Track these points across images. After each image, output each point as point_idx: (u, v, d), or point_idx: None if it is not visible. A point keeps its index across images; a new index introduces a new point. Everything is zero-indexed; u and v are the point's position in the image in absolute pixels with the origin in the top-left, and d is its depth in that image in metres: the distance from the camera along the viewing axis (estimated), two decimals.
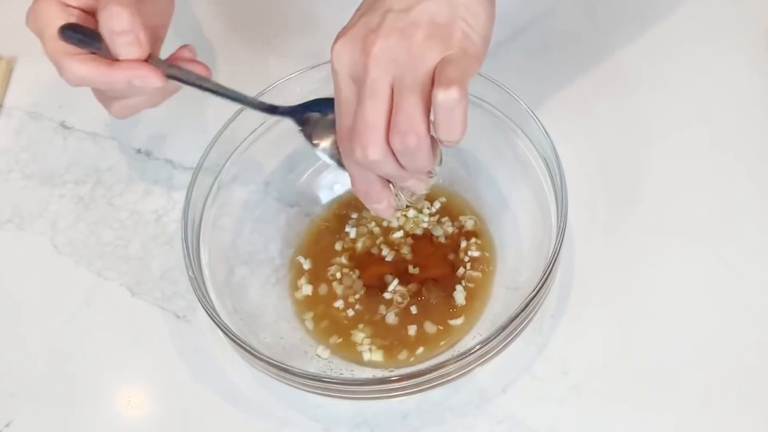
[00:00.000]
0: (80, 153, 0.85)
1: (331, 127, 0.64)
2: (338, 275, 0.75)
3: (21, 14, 0.94)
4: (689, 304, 0.73)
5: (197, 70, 0.68)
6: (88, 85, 0.68)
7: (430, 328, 0.72)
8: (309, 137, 0.66)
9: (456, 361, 0.64)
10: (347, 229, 0.78)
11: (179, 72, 0.67)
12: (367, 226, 0.78)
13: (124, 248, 0.80)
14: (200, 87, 0.68)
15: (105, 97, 0.70)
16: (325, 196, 0.79)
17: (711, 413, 0.69)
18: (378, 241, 0.77)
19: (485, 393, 0.70)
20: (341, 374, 0.70)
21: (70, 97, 0.88)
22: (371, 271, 0.75)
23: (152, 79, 0.66)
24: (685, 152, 0.80)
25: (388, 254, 0.76)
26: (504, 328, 0.65)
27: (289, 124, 0.78)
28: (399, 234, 0.77)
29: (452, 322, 0.72)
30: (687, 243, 0.75)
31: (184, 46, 0.69)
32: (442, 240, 0.76)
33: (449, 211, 0.78)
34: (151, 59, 0.66)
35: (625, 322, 0.73)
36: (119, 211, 0.82)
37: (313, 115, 0.66)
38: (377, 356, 0.72)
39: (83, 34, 0.67)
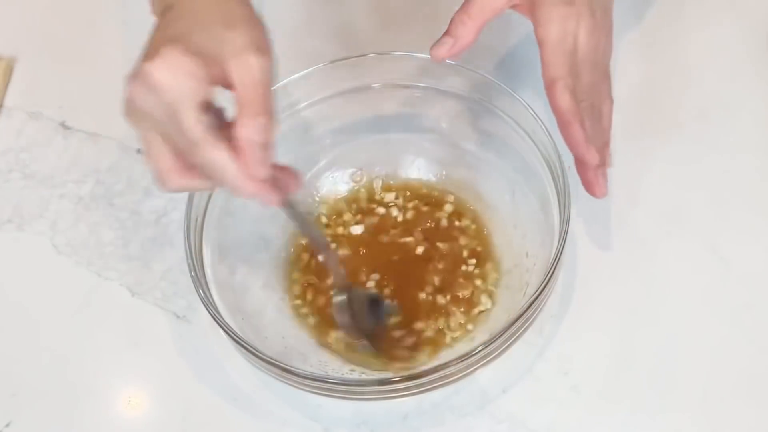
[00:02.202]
0: (80, 153, 0.85)
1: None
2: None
3: (21, 14, 0.94)
4: (689, 305, 0.73)
5: (293, 183, 0.65)
6: (214, 186, 0.62)
7: (429, 331, 0.72)
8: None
9: (458, 363, 0.64)
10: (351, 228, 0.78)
11: (290, 203, 0.65)
12: (367, 223, 0.78)
13: (124, 248, 0.80)
14: (294, 219, 0.67)
15: (177, 166, 0.61)
16: (326, 197, 0.79)
17: (711, 413, 0.69)
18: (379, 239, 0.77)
19: (486, 393, 0.70)
20: (342, 374, 0.70)
21: (70, 97, 0.88)
22: (373, 271, 0.76)
23: (273, 203, 0.62)
24: (685, 152, 0.80)
25: (390, 254, 0.76)
26: (506, 329, 0.65)
27: (290, 127, 0.78)
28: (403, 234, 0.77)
29: (454, 324, 0.73)
30: (687, 243, 0.76)
31: (292, 172, 0.65)
32: (443, 242, 0.76)
33: (450, 213, 0.78)
34: None
35: (625, 322, 0.73)
36: (119, 211, 0.82)
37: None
38: (376, 356, 0.72)
39: (208, 116, 0.59)
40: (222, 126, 0.59)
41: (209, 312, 0.68)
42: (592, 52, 0.70)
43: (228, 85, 0.60)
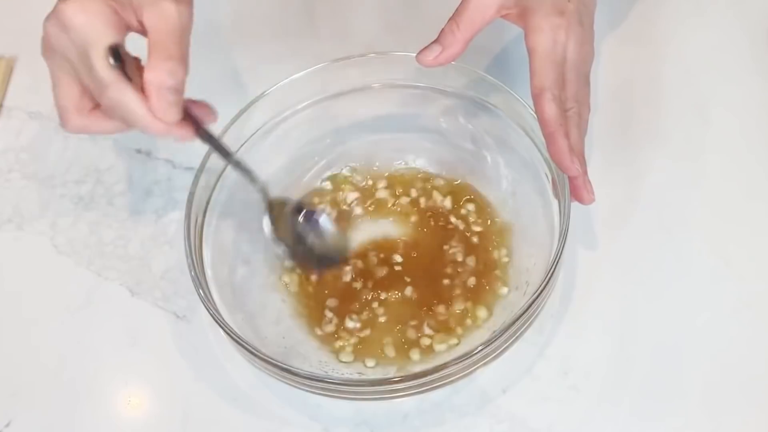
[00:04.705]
0: (80, 153, 0.85)
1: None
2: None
3: (21, 14, 0.94)
4: (689, 304, 0.73)
5: (208, 116, 0.67)
6: (116, 129, 0.65)
7: (430, 331, 0.72)
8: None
9: (458, 363, 0.64)
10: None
11: (204, 133, 0.66)
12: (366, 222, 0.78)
13: (124, 248, 0.80)
14: (216, 150, 0.68)
15: (81, 106, 0.65)
16: (326, 197, 0.79)
17: (711, 414, 0.69)
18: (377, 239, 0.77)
19: (486, 393, 0.70)
20: (342, 374, 0.70)
21: None
22: (372, 271, 0.75)
23: (187, 137, 0.64)
24: (685, 152, 0.80)
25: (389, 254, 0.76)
26: (507, 329, 0.65)
27: (290, 127, 0.78)
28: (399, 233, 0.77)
29: (455, 324, 0.72)
30: (687, 243, 0.76)
31: (206, 106, 0.67)
32: (442, 241, 0.76)
33: (449, 213, 0.77)
34: None
35: (625, 322, 0.73)
36: (119, 211, 0.82)
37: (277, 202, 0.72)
38: (376, 358, 0.72)
39: (117, 60, 0.61)
40: (136, 72, 0.62)
41: (209, 312, 0.68)
42: (580, 62, 0.71)
43: (143, 32, 0.62)
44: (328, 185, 0.79)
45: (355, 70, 0.77)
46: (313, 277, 0.74)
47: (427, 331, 0.72)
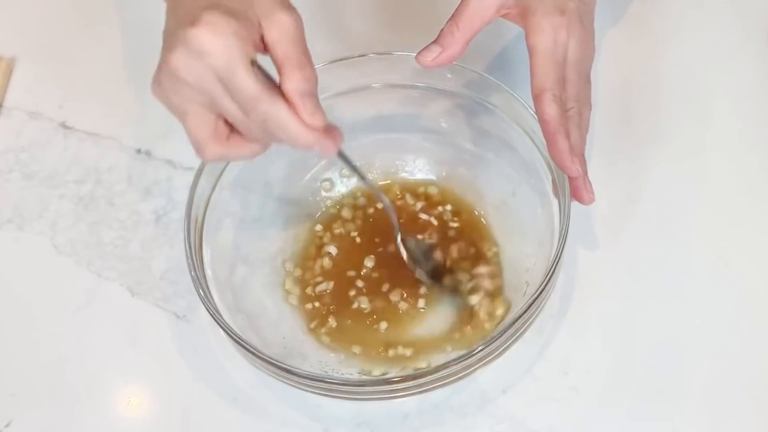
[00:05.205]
0: (80, 153, 0.85)
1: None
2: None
3: (21, 14, 0.94)
4: (689, 304, 0.73)
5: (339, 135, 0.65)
6: (255, 152, 0.64)
7: (431, 331, 0.72)
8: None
9: (458, 363, 0.64)
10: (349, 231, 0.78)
11: (342, 153, 0.66)
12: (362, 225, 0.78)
13: (124, 248, 0.80)
14: (348, 165, 0.68)
15: (217, 135, 0.63)
16: (325, 197, 0.79)
17: (711, 414, 0.69)
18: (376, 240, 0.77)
19: (486, 393, 0.70)
20: (342, 374, 0.70)
21: (70, 97, 0.88)
22: (372, 273, 0.76)
23: (331, 151, 0.63)
24: (685, 152, 0.80)
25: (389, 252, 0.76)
26: (507, 329, 0.65)
27: None
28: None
29: (455, 325, 0.72)
30: (687, 243, 0.76)
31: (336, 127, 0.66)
32: (442, 241, 0.76)
33: (450, 213, 0.78)
34: None
35: (625, 322, 0.73)
36: (119, 211, 0.82)
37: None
38: (377, 358, 0.72)
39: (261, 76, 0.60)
40: (269, 86, 0.60)
41: (209, 312, 0.68)
42: (580, 61, 0.71)
43: (261, 48, 0.61)
44: (327, 185, 0.79)
45: (355, 70, 0.77)
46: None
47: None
